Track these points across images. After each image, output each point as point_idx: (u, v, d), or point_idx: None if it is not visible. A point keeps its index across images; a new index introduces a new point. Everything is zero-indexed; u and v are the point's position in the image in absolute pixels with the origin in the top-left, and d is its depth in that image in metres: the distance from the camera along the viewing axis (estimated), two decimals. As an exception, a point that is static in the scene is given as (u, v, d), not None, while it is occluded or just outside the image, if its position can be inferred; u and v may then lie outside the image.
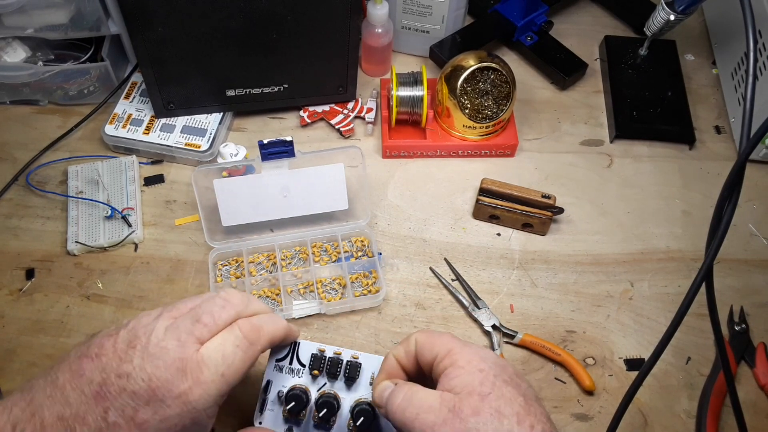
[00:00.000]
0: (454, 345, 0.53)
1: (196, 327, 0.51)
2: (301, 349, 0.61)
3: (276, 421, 0.60)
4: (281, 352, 0.61)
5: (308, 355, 0.61)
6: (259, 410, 0.60)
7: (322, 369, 0.61)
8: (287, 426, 0.60)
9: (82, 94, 0.95)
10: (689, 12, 0.89)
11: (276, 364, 0.61)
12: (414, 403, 0.51)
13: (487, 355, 0.53)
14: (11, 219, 0.86)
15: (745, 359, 0.76)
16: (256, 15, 0.81)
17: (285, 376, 0.61)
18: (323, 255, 0.83)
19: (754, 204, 0.90)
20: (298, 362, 0.61)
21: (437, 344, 0.54)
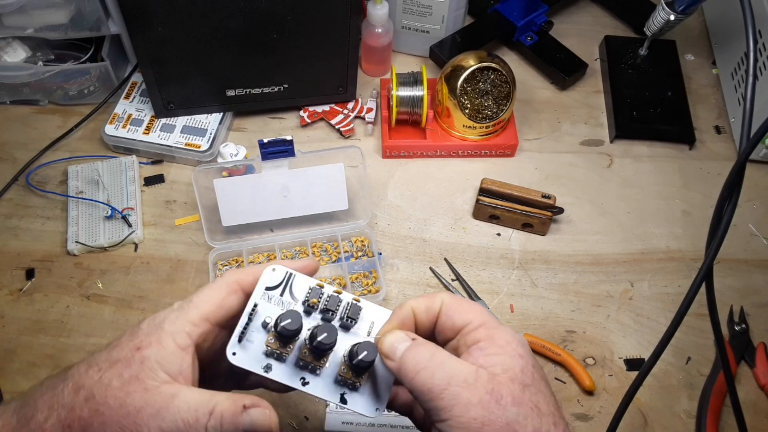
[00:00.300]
0: (489, 319, 0.47)
1: None
2: (296, 281, 0.52)
3: (255, 354, 0.49)
4: (273, 281, 0.51)
5: (304, 288, 0.52)
6: (237, 338, 0.48)
7: (319, 302, 0.52)
8: (267, 362, 0.49)
9: (82, 94, 0.95)
10: (689, 12, 0.89)
11: (265, 292, 0.51)
12: (445, 371, 0.44)
13: (523, 341, 0.47)
14: (11, 219, 0.86)
15: (745, 359, 0.76)
16: (256, 15, 0.81)
17: (273, 306, 0.51)
18: (323, 255, 0.83)
19: (754, 204, 0.90)
20: (290, 295, 0.52)
21: (470, 312, 0.47)
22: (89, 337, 0.77)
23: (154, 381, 0.44)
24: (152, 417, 0.43)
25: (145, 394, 0.43)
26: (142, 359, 0.44)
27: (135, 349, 0.45)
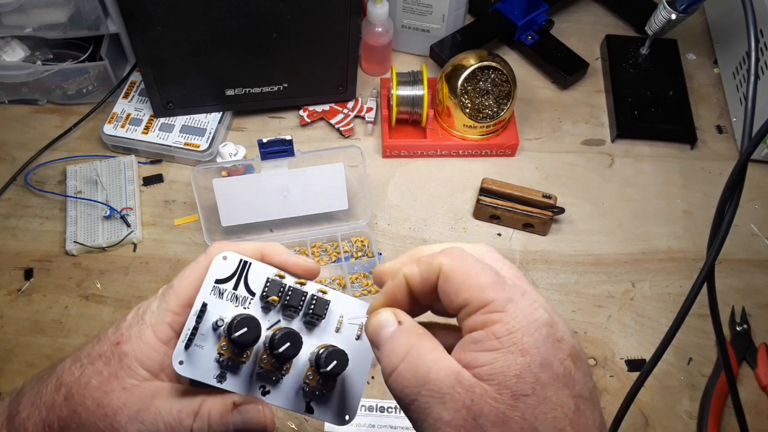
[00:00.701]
0: (497, 295, 0.35)
1: None
2: (251, 271, 0.44)
3: (206, 361, 0.42)
4: (224, 271, 0.43)
5: (261, 280, 0.44)
6: (184, 345, 0.40)
7: (281, 297, 0.44)
8: (219, 372, 0.42)
9: (81, 93, 0.95)
10: (690, 11, 0.89)
11: (215, 286, 0.43)
12: (420, 372, 0.35)
13: (539, 321, 0.35)
14: (10, 219, 0.86)
15: (746, 360, 0.76)
16: (255, 14, 0.81)
17: (225, 303, 0.43)
18: (323, 255, 0.83)
19: (756, 204, 0.89)
20: (245, 288, 0.44)
21: (471, 286, 0.36)
22: (88, 337, 0.76)
23: (134, 379, 0.41)
24: (131, 419, 0.40)
25: (124, 394, 0.41)
26: (121, 355, 0.41)
27: (115, 344, 0.42)
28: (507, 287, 0.36)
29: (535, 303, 0.36)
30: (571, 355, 0.35)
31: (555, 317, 0.36)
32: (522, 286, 0.37)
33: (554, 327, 0.35)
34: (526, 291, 0.36)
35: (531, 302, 0.36)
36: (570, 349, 0.35)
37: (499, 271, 0.38)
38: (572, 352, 0.35)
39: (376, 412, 0.72)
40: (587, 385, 0.36)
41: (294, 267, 0.44)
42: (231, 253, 0.43)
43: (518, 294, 0.36)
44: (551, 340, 0.35)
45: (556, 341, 0.35)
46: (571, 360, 0.35)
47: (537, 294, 0.37)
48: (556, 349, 0.35)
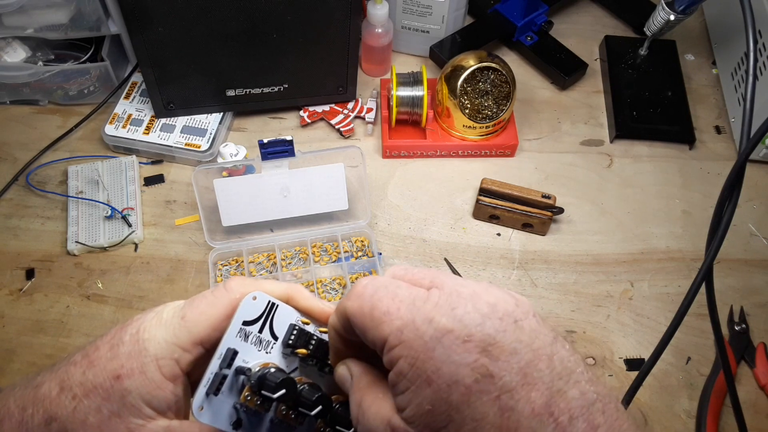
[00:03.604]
0: (390, 328, 0.33)
1: None
2: (278, 313, 0.42)
3: (225, 408, 0.40)
4: (252, 313, 0.41)
5: (285, 324, 0.42)
6: (207, 390, 0.38)
7: (308, 347, 0.42)
8: (236, 419, 0.40)
9: (82, 94, 0.95)
10: (689, 12, 0.89)
11: (242, 327, 0.40)
12: (363, 422, 0.35)
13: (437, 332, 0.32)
14: (11, 219, 0.86)
15: (745, 359, 0.76)
16: (256, 15, 0.81)
17: (249, 346, 0.40)
18: (323, 255, 0.83)
19: (754, 204, 0.90)
20: (270, 332, 0.42)
21: (369, 327, 0.34)
22: (89, 337, 0.77)
23: (139, 419, 0.37)
24: None
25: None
26: (123, 393, 0.37)
27: (114, 377, 0.37)
28: (402, 311, 0.34)
29: (434, 309, 0.33)
30: (483, 350, 0.32)
31: (458, 311, 0.33)
32: (421, 294, 0.34)
33: (455, 329, 0.33)
34: (428, 296, 0.34)
35: (428, 312, 0.33)
36: (481, 344, 0.33)
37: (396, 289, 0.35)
38: (484, 345, 0.33)
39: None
40: (515, 367, 0.32)
41: (320, 313, 0.42)
42: (261, 293, 0.41)
43: (413, 311, 0.34)
44: (454, 348, 0.32)
45: (462, 344, 0.32)
46: (485, 355, 0.32)
47: (445, 283, 0.35)
48: (462, 354, 0.32)
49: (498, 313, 0.33)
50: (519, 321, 0.34)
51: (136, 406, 0.37)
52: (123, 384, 0.37)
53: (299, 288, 0.42)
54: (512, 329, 0.33)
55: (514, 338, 0.33)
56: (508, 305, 0.34)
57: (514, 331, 0.33)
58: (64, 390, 0.38)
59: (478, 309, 0.33)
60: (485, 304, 0.34)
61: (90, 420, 0.37)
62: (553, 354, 0.33)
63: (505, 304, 0.34)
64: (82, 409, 0.37)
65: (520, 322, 0.34)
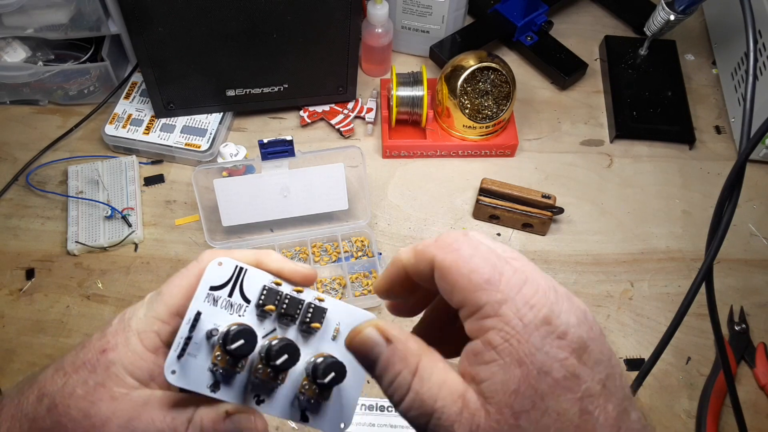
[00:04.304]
0: (489, 298, 0.33)
1: None
2: (247, 277, 0.42)
3: (198, 371, 0.40)
4: (219, 278, 0.41)
5: (257, 287, 0.42)
6: (177, 353, 0.39)
7: (277, 305, 0.42)
8: (212, 381, 0.40)
9: (82, 94, 0.95)
10: (689, 12, 0.89)
11: (209, 293, 0.41)
12: (426, 404, 0.33)
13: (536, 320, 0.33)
14: (11, 219, 0.86)
15: (745, 359, 0.76)
16: (256, 15, 0.81)
17: (220, 310, 0.41)
18: (323, 255, 0.83)
19: (754, 204, 0.90)
20: (241, 295, 0.42)
21: (463, 287, 0.34)
22: (89, 337, 0.76)
23: (122, 388, 0.39)
24: (121, 429, 0.38)
25: (112, 403, 0.38)
26: (108, 364, 0.39)
27: (100, 351, 0.40)
28: (502, 285, 0.34)
29: (535, 296, 0.33)
30: (575, 350, 0.33)
31: (556, 306, 0.33)
32: (521, 275, 0.34)
33: (553, 323, 0.33)
34: (527, 279, 0.34)
35: (529, 297, 0.33)
36: (573, 344, 0.33)
37: (496, 260, 0.34)
38: (576, 347, 0.33)
39: (376, 411, 0.73)
40: (598, 377, 0.33)
41: (291, 273, 0.42)
42: (226, 258, 0.41)
43: (514, 290, 0.33)
44: (550, 341, 0.33)
45: (556, 339, 0.33)
46: (576, 356, 0.33)
47: (540, 276, 0.35)
48: (556, 349, 0.33)
49: (588, 322, 0.34)
50: (603, 334, 0.34)
51: (119, 376, 0.39)
52: (108, 357, 0.39)
53: (268, 252, 0.42)
54: (600, 340, 0.34)
55: (600, 350, 0.34)
56: (592, 317, 0.35)
57: (602, 343, 0.34)
58: (58, 370, 0.40)
59: (575, 312, 0.34)
60: (578, 309, 0.34)
61: (77, 392, 0.39)
62: (622, 374, 0.34)
63: (590, 315, 0.35)
64: (71, 383, 0.39)
65: (604, 336, 0.34)
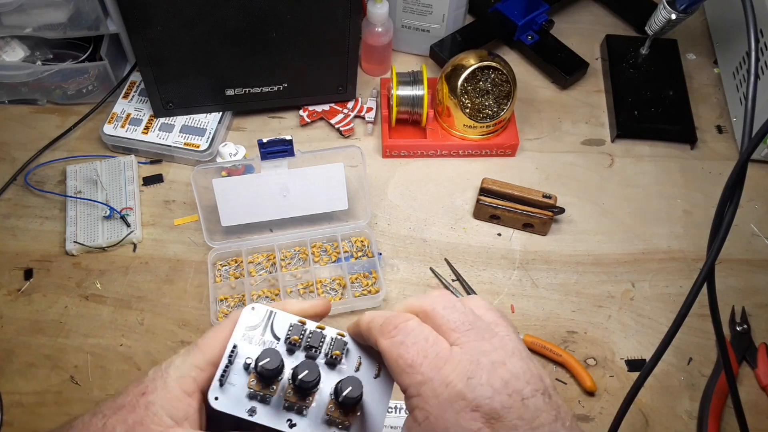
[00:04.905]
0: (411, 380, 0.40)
1: None
2: (276, 319, 0.49)
3: (238, 397, 0.47)
4: (253, 320, 0.49)
5: (285, 326, 0.49)
6: (218, 381, 0.46)
7: (302, 339, 0.49)
8: (251, 405, 0.47)
9: (81, 93, 0.95)
10: (690, 11, 0.89)
11: (245, 333, 0.49)
12: None
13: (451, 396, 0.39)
14: (9, 219, 0.86)
15: (746, 360, 0.76)
16: (255, 14, 0.81)
17: (254, 347, 0.49)
18: (323, 255, 0.83)
19: (756, 204, 0.89)
20: (272, 334, 0.50)
21: (395, 370, 0.42)
22: (87, 337, 0.76)
23: (159, 426, 0.42)
24: None
25: None
26: (147, 404, 0.43)
27: (140, 394, 0.44)
28: (423, 367, 0.40)
29: (452, 374, 0.39)
30: (487, 420, 0.38)
31: (473, 381, 0.39)
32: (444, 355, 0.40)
33: (467, 397, 0.38)
34: (449, 359, 0.40)
35: (446, 375, 0.39)
36: (485, 415, 0.38)
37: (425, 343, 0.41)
38: (488, 417, 0.38)
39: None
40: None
41: (310, 308, 0.49)
42: (258, 305, 0.49)
43: (434, 371, 0.40)
44: (463, 414, 0.38)
45: (470, 411, 0.38)
46: (488, 425, 0.38)
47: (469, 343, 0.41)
48: (468, 422, 0.38)
49: (508, 390, 0.39)
50: (526, 399, 0.39)
51: (157, 415, 0.42)
52: (147, 398, 0.43)
53: (288, 300, 0.50)
54: (517, 407, 0.39)
55: (517, 415, 0.38)
56: (520, 383, 0.40)
57: (518, 409, 0.39)
58: (96, 414, 0.43)
59: (491, 383, 0.39)
60: (499, 379, 0.39)
61: (117, 430, 0.42)
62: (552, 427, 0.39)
63: (517, 381, 0.40)
64: (110, 423, 0.42)
65: (527, 401, 0.39)
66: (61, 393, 0.73)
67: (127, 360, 0.75)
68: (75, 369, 0.74)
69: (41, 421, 0.71)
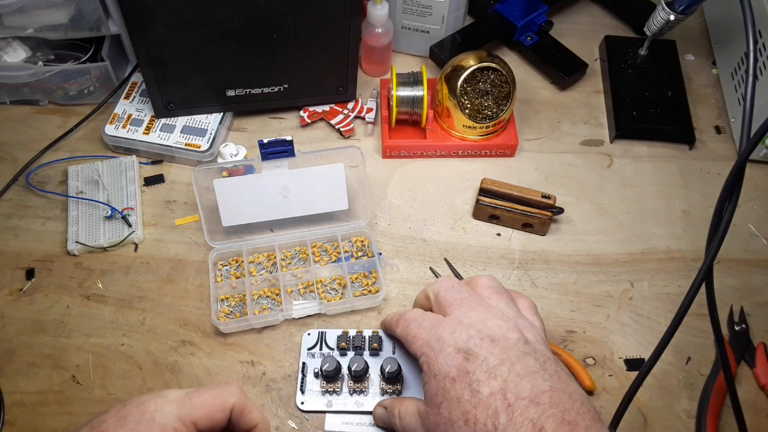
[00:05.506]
0: (419, 343, 0.59)
1: None
2: (327, 336, 0.73)
3: (317, 396, 0.69)
4: (310, 341, 0.73)
5: (334, 337, 0.73)
6: (301, 391, 0.69)
7: (348, 343, 0.72)
8: (327, 400, 0.68)
9: (82, 94, 0.95)
10: (689, 12, 0.89)
11: (308, 351, 0.72)
12: (403, 422, 0.61)
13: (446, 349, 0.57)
14: (11, 219, 0.86)
15: (745, 359, 0.76)
16: (256, 15, 0.81)
17: (317, 360, 0.71)
18: (323, 255, 0.83)
19: (755, 204, 0.90)
20: (326, 347, 0.72)
21: (405, 339, 0.62)
22: (89, 337, 0.77)
23: None
24: None
25: None
26: None
27: None
28: (423, 334, 0.60)
29: (442, 333, 0.58)
30: (465, 357, 0.55)
31: (456, 334, 0.57)
32: (437, 324, 0.60)
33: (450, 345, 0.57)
34: (440, 325, 0.59)
35: (439, 335, 0.58)
36: (463, 353, 0.56)
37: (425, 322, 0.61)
38: (466, 354, 0.55)
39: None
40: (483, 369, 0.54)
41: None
42: (313, 330, 0.74)
43: (429, 334, 0.59)
44: (447, 355, 0.56)
45: (453, 353, 0.56)
46: (465, 360, 0.55)
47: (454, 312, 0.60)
48: (451, 359, 0.56)
49: (480, 335, 0.56)
50: (496, 340, 0.56)
51: None
52: None
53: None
54: (487, 345, 0.55)
55: (487, 350, 0.55)
56: (493, 331, 0.57)
57: (488, 347, 0.55)
58: None
59: (468, 333, 0.57)
60: (474, 330, 0.57)
61: None
62: (517, 362, 0.54)
63: (490, 330, 0.57)
64: None
65: (497, 341, 0.56)
66: (62, 392, 0.73)
67: (128, 359, 0.75)
68: (76, 368, 0.75)
69: (43, 420, 0.71)
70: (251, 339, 0.76)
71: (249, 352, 0.75)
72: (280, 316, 0.77)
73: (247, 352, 0.75)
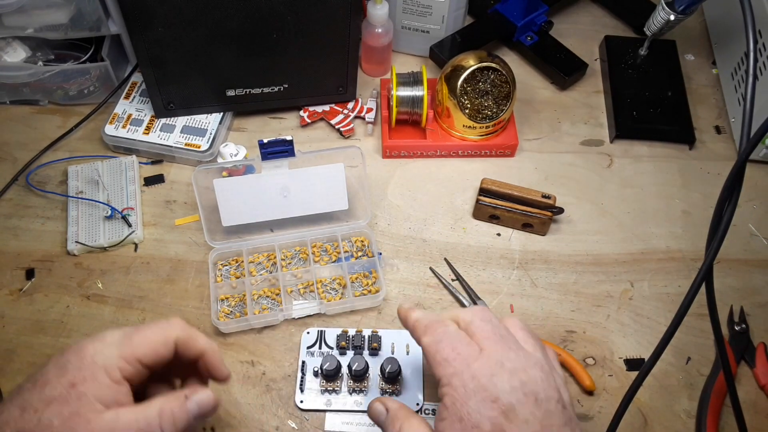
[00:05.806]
0: (444, 372, 0.50)
1: None
2: (326, 335, 0.73)
3: (316, 395, 0.68)
4: (310, 341, 0.73)
5: (333, 337, 0.72)
6: (300, 389, 0.68)
7: (348, 342, 0.71)
8: (327, 398, 0.68)
9: (82, 94, 0.95)
10: (689, 12, 0.89)
11: (307, 350, 0.72)
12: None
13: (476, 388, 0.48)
14: (11, 219, 0.86)
15: (745, 359, 0.76)
16: (256, 15, 0.81)
17: (316, 359, 0.71)
18: (323, 255, 0.83)
19: (755, 204, 0.90)
20: (326, 346, 0.71)
21: (432, 364, 0.52)
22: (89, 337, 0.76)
23: (95, 412, 0.45)
24: None
25: (89, 425, 0.45)
26: (79, 395, 0.45)
27: (70, 386, 0.46)
28: (455, 362, 0.50)
29: (480, 370, 0.49)
30: (503, 412, 0.47)
31: (496, 378, 0.48)
32: (475, 354, 0.50)
33: (489, 390, 0.48)
34: (478, 357, 0.50)
35: (474, 371, 0.49)
36: (503, 407, 0.47)
37: (458, 342, 0.52)
38: (505, 409, 0.47)
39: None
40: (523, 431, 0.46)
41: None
42: (312, 329, 0.74)
43: (465, 366, 0.50)
44: (484, 404, 0.47)
45: (490, 402, 0.47)
46: (503, 416, 0.47)
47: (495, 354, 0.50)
48: (487, 411, 0.47)
49: (524, 390, 0.48)
50: (539, 401, 0.48)
51: (90, 403, 0.46)
52: (78, 389, 0.46)
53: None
54: (530, 404, 0.48)
55: (530, 412, 0.47)
56: (536, 387, 0.49)
57: (531, 406, 0.47)
58: (26, 410, 0.45)
59: (511, 382, 0.48)
60: (518, 380, 0.49)
61: (55, 423, 0.44)
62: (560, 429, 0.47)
63: (534, 385, 0.49)
64: (46, 418, 0.44)
65: (541, 402, 0.48)
66: (62, 392, 0.73)
67: (128, 359, 0.75)
68: (76, 368, 0.74)
69: (43, 420, 0.71)
70: (251, 339, 0.76)
71: (249, 352, 0.75)
72: (280, 316, 0.77)
73: (247, 352, 0.75)
